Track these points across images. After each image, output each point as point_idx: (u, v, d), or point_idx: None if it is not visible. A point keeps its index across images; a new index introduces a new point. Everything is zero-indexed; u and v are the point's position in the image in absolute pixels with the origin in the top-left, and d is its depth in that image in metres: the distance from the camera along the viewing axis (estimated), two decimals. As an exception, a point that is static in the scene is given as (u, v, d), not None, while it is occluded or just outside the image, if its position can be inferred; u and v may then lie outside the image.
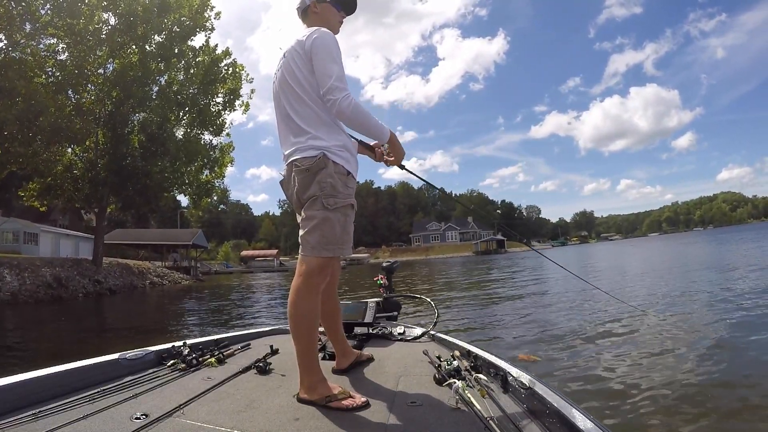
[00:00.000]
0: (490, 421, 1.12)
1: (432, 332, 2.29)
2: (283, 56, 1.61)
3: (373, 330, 2.40)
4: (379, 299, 2.65)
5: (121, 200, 21.40)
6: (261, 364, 1.73)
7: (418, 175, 2.05)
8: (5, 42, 16.03)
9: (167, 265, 33.19)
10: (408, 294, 3.54)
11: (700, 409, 2.82)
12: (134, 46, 19.40)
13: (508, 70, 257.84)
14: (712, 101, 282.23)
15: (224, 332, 2.52)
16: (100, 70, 19.30)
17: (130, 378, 1.56)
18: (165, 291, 21.22)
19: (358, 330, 2.39)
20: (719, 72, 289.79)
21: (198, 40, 21.81)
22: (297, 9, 1.73)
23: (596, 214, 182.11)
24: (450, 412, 1.28)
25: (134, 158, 20.08)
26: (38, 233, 26.89)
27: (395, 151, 1.71)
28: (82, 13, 17.24)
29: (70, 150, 19.68)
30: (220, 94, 22.24)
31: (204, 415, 1.26)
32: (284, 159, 1.59)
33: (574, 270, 17.13)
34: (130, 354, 1.73)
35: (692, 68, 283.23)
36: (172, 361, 1.76)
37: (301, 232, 1.51)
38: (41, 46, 17.54)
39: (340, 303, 1.92)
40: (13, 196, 29.84)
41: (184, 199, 37.41)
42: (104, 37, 18.40)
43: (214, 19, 21.56)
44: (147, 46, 19.76)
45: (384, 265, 2.86)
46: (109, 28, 18.66)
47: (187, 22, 20.58)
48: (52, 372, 1.42)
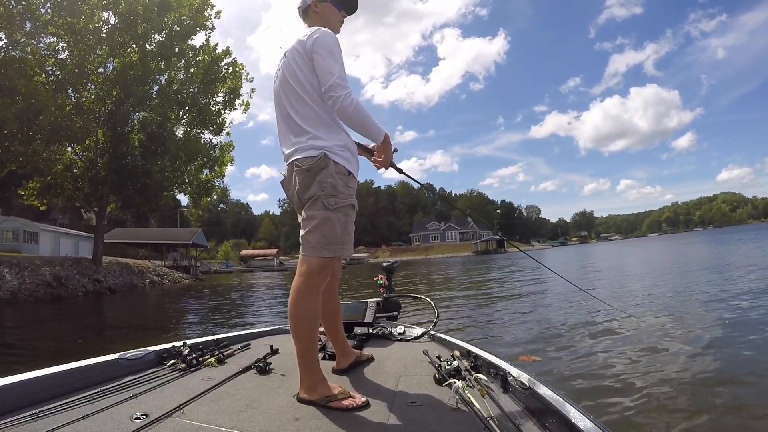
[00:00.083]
0: (490, 421, 1.12)
1: (432, 332, 2.29)
2: (284, 56, 1.61)
3: (373, 330, 2.39)
4: (379, 299, 2.64)
5: (121, 199, 21.39)
6: (261, 364, 1.72)
7: (409, 174, 2.05)
8: (5, 41, 16.06)
9: (167, 264, 33.20)
10: (408, 294, 3.54)
11: (699, 408, 2.83)
12: (134, 45, 19.36)
13: (508, 70, 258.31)
14: (713, 101, 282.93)
15: (224, 332, 2.52)
16: (100, 69, 19.29)
17: (130, 378, 1.56)
18: (165, 290, 21.22)
19: (358, 330, 2.38)
20: (719, 72, 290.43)
21: (198, 39, 21.83)
22: (298, 8, 1.73)
23: (596, 214, 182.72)
24: (450, 412, 1.27)
25: (134, 157, 20.08)
26: (38, 232, 26.90)
27: (385, 153, 1.70)
28: (83, 12, 17.23)
29: (70, 149, 19.68)
30: (221, 94, 22.23)
31: (204, 415, 1.26)
32: (285, 159, 1.59)
33: (574, 270, 17.15)
34: (130, 354, 1.73)
35: (692, 68, 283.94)
36: (172, 361, 1.76)
37: (302, 232, 1.50)
38: (41, 45, 17.57)
39: (340, 303, 1.92)
40: (13, 195, 29.84)
41: (184, 199, 37.59)
42: (104, 36, 18.40)
43: (215, 18, 21.58)
44: (147, 45, 19.74)
45: (384, 265, 2.85)
46: (110, 27, 18.66)
47: (188, 21, 20.56)
48: (52, 372, 1.42)
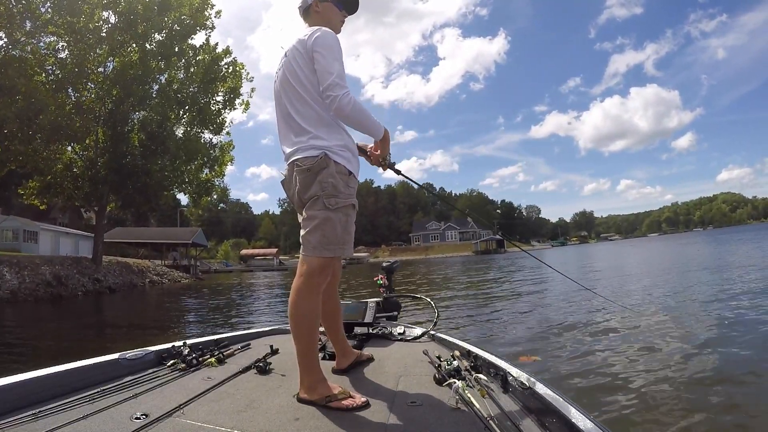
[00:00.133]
0: (490, 421, 1.12)
1: (432, 332, 2.29)
2: (285, 55, 1.61)
3: (373, 330, 2.39)
4: (379, 299, 2.64)
5: (121, 199, 21.40)
6: (261, 364, 1.72)
7: (408, 176, 2.05)
8: (5, 40, 16.05)
9: (167, 263, 33.22)
10: (408, 294, 3.54)
11: (698, 407, 2.84)
12: (134, 45, 19.37)
13: (508, 70, 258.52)
14: (713, 102, 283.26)
15: (224, 332, 2.52)
16: (101, 69, 19.29)
17: (130, 378, 1.56)
18: (164, 289, 21.21)
19: (358, 330, 2.38)
20: (720, 72, 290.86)
21: (198, 39, 21.89)
22: (299, 8, 1.73)
23: (596, 214, 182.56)
24: (450, 412, 1.27)
25: (134, 157, 20.09)
26: (38, 231, 26.91)
27: (382, 149, 1.72)
28: (83, 11, 17.23)
29: (70, 148, 19.69)
30: (221, 93, 22.25)
31: (204, 415, 1.26)
32: (285, 158, 1.58)
33: (574, 269, 17.14)
34: (130, 354, 1.73)
35: (693, 69, 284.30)
36: (172, 361, 1.76)
37: (303, 232, 1.50)
38: (41, 45, 17.59)
39: (341, 303, 1.92)
40: (13, 194, 29.81)
41: (183, 198, 37.58)
42: (104, 35, 18.41)
43: (215, 17, 21.62)
44: (147, 45, 19.75)
45: (384, 265, 2.84)
46: (110, 26, 18.66)
47: (188, 21, 20.56)
48: (52, 372, 1.42)
